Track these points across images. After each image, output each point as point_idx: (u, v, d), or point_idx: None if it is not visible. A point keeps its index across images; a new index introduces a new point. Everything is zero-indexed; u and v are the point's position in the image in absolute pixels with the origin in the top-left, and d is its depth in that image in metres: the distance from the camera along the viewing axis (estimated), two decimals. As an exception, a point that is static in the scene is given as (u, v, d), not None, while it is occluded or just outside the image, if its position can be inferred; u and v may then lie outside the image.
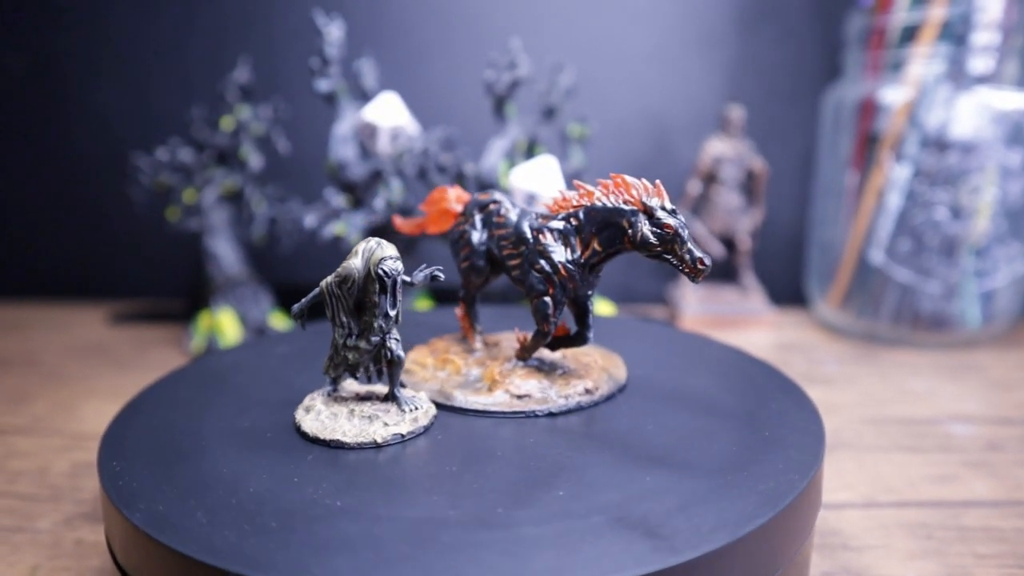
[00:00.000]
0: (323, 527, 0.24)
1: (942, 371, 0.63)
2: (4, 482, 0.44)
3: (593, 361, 0.37)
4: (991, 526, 0.39)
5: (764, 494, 0.26)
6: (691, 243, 0.29)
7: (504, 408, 0.34)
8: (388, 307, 0.31)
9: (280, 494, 0.27)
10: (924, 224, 0.68)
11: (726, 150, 0.76)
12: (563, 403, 0.34)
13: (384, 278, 0.31)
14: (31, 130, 0.85)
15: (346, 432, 0.31)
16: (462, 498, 0.26)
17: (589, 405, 0.34)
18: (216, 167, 0.69)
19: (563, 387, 0.34)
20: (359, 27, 0.77)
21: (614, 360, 0.39)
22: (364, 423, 0.32)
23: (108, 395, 0.58)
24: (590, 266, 0.33)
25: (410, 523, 0.25)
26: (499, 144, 0.65)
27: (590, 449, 0.30)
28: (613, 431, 0.32)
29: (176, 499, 0.27)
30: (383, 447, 0.31)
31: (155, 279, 0.88)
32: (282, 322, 0.70)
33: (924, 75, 0.66)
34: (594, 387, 0.35)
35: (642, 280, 0.87)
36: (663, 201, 0.30)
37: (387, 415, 0.32)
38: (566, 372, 0.36)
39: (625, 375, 0.37)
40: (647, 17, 0.80)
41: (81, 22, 0.81)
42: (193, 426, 0.33)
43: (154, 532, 0.24)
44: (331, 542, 0.24)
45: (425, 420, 0.32)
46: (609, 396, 0.35)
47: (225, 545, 0.23)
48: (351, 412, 0.33)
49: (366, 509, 0.26)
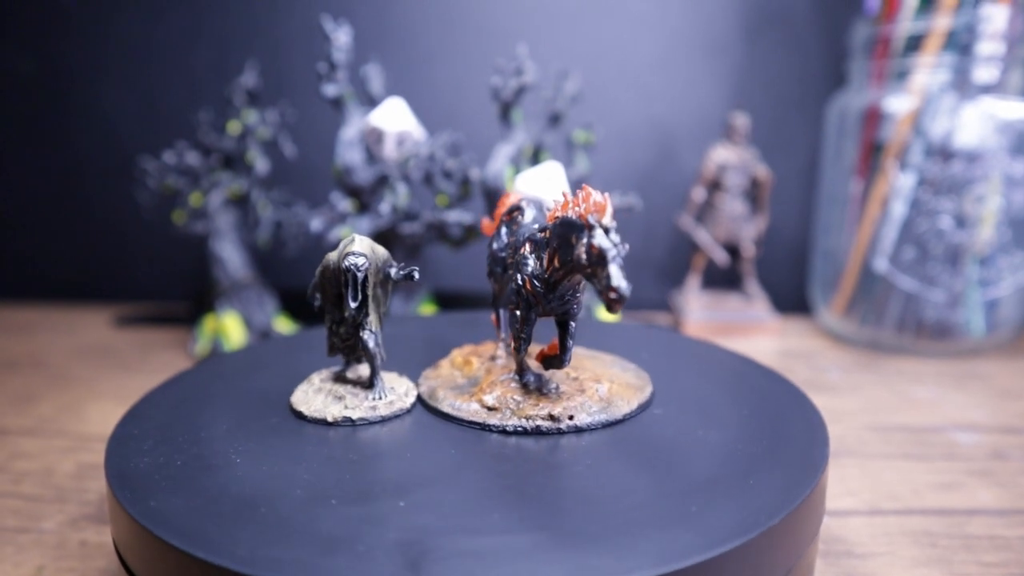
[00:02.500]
0: (329, 523, 0.25)
1: (946, 379, 0.63)
2: (9, 483, 0.44)
3: (600, 387, 0.34)
4: (996, 535, 0.39)
5: (768, 500, 0.26)
6: (616, 268, 0.27)
7: (464, 416, 0.33)
8: (350, 299, 0.33)
9: (286, 492, 0.27)
10: (928, 233, 0.68)
11: (731, 157, 0.76)
12: (517, 423, 0.32)
13: (346, 272, 0.32)
14: (38, 133, 0.85)
15: (311, 406, 0.34)
16: (324, 482, 0.28)
17: (550, 431, 0.32)
18: (222, 171, 0.69)
19: (531, 407, 0.33)
20: (366, 32, 0.78)
21: (631, 390, 0.35)
22: (330, 402, 0.34)
23: (113, 397, 0.59)
24: (553, 283, 0.31)
25: (279, 489, 0.27)
26: (505, 150, 0.65)
27: (528, 471, 0.29)
28: (566, 457, 0.30)
29: (184, 499, 0.27)
30: (332, 425, 0.33)
31: (160, 282, 0.88)
32: (287, 326, 0.71)
33: (929, 84, 0.66)
34: (563, 415, 0.32)
35: (646, 286, 0.87)
36: (602, 218, 0.27)
37: (355, 399, 0.34)
38: (549, 394, 0.34)
39: (628, 410, 0.34)
40: (653, 24, 0.80)
41: (88, 26, 0.81)
42: (199, 427, 0.33)
43: (162, 532, 0.24)
44: (335, 539, 0.24)
45: (386, 411, 0.34)
46: (582, 428, 0.32)
47: (232, 545, 0.24)
48: (331, 391, 0.35)
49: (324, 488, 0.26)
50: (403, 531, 0.24)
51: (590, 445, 0.31)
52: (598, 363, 0.38)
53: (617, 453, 0.30)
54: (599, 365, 0.38)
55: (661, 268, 0.87)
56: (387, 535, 0.24)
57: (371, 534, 0.24)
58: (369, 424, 0.33)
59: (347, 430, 0.33)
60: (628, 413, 0.34)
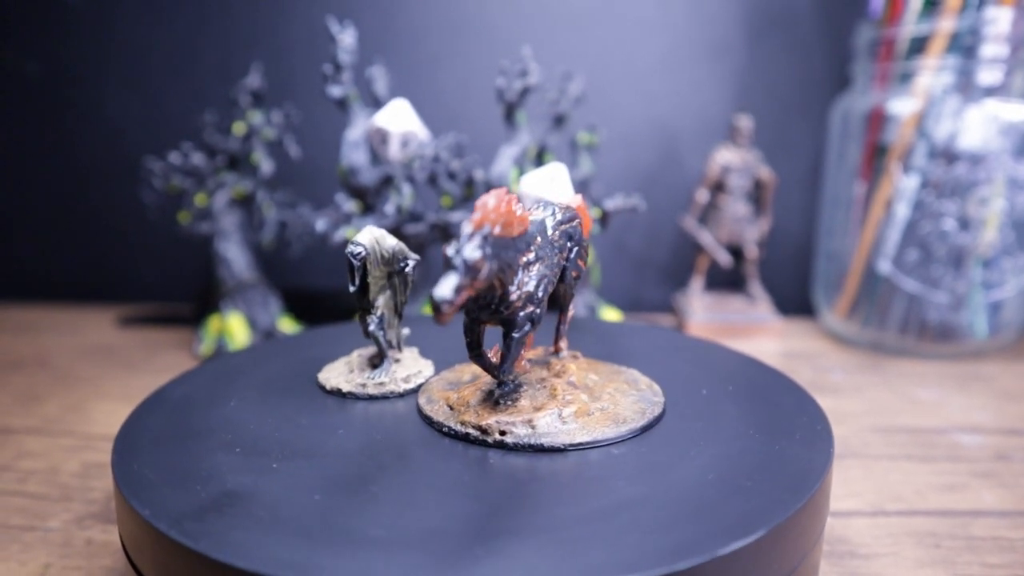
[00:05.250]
0: (338, 519, 0.25)
1: (949, 381, 0.63)
2: (15, 482, 0.44)
3: (565, 410, 0.32)
4: (1000, 536, 0.39)
5: (771, 501, 0.26)
6: (446, 276, 0.26)
7: (426, 410, 0.34)
8: (349, 284, 0.35)
9: (290, 490, 0.27)
10: (932, 235, 0.68)
11: (734, 159, 0.76)
12: (453, 426, 0.32)
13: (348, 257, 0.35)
14: (43, 135, 0.85)
15: (330, 374, 0.38)
16: (262, 447, 0.31)
17: (477, 441, 0.31)
18: (227, 172, 0.70)
19: (473, 414, 0.32)
20: (371, 34, 0.78)
21: (604, 421, 0.32)
22: (344, 373, 0.38)
23: (118, 397, 0.59)
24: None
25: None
26: (509, 151, 0.65)
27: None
28: (468, 468, 0.29)
29: (191, 498, 0.27)
30: (329, 394, 0.37)
31: (165, 282, 0.88)
32: (291, 326, 0.71)
33: (933, 86, 0.66)
34: (494, 428, 0.31)
35: (649, 288, 0.87)
36: (475, 227, 0.26)
37: (360, 375, 0.37)
38: (504, 404, 0.32)
39: (572, 441, 0.30)
40: (656, 27, 0.80)
41: (93, 27, 0.82)
42: (205, 426, 0.33)
43: (169, 531, 0.25)
44: (355, 538, 0.24)
45: (375, 391, 0.36)
46: (508, 446, 0.30)
47: (239, 542, 0.24)
48: (357, 365, 0.38)
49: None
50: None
51: (504, 465, 0.29)
52: (609, 379, 0.36)
53: (518, 480, 0.28)
54: (607, 382, 0.36)
55: (664, 270, 0.87)
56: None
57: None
58: (356, 399, 0.36)
59: (341, 402, 0.36)
60: (571, 444, 0.30)
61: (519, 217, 0.29)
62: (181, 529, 0.25)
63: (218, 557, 0.23)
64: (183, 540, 0.24)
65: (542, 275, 0.31)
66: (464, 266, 0.26)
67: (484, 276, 0.26)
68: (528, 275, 0.30)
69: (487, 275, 0.27)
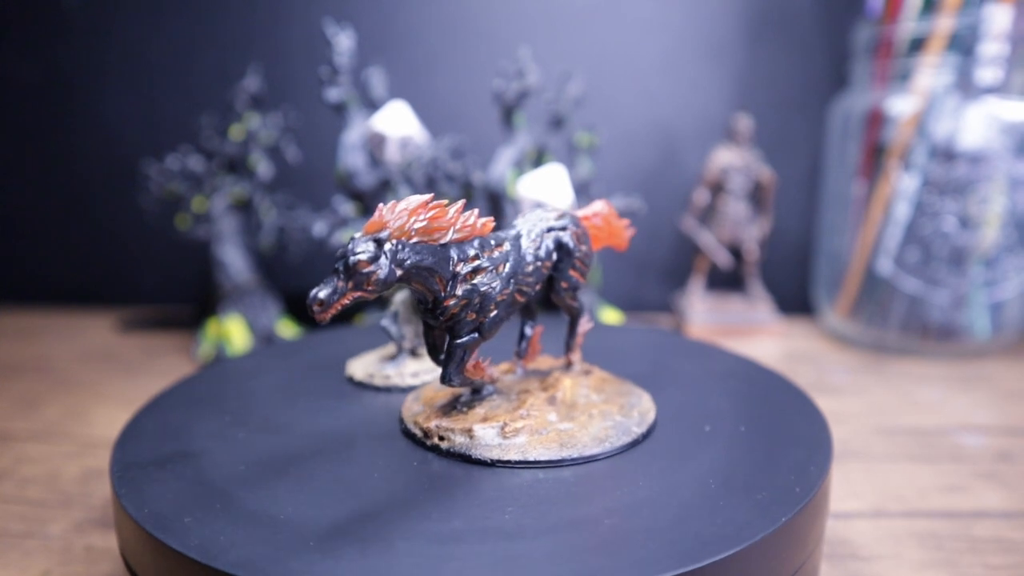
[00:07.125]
0: (341, 531, 0.25)
1: (951, 381, 0.63)
2: (15, 488, 0.44)
3: (519, 423, 0.31)
4: (1002, 537, 0.39)
5: (772, 502, 0.26)
6: (334, 276, 0.25)
7: (402, 406, 0.34)
8: None
9: (292, 496, 0.27)
10: (932, 234, 0.68)
11: (734, 160, 0.76)
12: (406, 424, 0.32)
13: None
14: (42, 139, 0.85)
15: (352, 368, 0.40)
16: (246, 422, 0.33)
17: (417, 441, 0.31)
18: (225, 175, 0.69)
19: (424, 416, 0.32)
20: (368, 36, 0.78)
21: (556, 443, 0.30)
22: (369, 365, 0.40)
23: (117, 401, 0.59)
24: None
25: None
26: (507, 153, 0.65)
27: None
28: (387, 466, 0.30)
29: (189, 504, 0.27)
30: (352, 382, 0.40)
31: (164, 286, 0.88)
32: (290, 329, 0.71)
33: (932, 85, 0.66)
34: (434, 432, 0.31)
35: (649, 288, 0.87)
36: (374, 229, 0.26)
37: (386, 366, 0.39)
38: (458, 409, 0.32)
39: (506, 457, 0.29)
40: (655, 27, 0.80)
41: (91, 31, 0.82)
42: (204, 432, 0.33)
43: (167, 538, 0.24)
44: (340, 543, 0.24)
45: (381, 383, 0.38)
46: (442, 452, 0.30)
47: (238, 550, 0.24)
48: (386, 356, 0.40)
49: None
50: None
51: (437, 470, 0.29)
52: (607, 400, 0.34)
53: (437, 486, 0.28)
54: (601, 403, 0.34)
55: (664, 270, 0.87)
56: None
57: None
58: (364, 388, 0.39)
59: (354, 391, 0.38)
60: (499, 460, 0.29)
61: (452, 223, 0.27)
62: (178, 537, 0.24)
63: (216, 566, 0.23)
64: (180, 548, 0.24)
65: (493, 284, 0.29)
66: (345, 268, 0.25)
67: (378, 281, 0.25)
68: (469, 283, 0.28)
69: (382, 281, 0.25)
